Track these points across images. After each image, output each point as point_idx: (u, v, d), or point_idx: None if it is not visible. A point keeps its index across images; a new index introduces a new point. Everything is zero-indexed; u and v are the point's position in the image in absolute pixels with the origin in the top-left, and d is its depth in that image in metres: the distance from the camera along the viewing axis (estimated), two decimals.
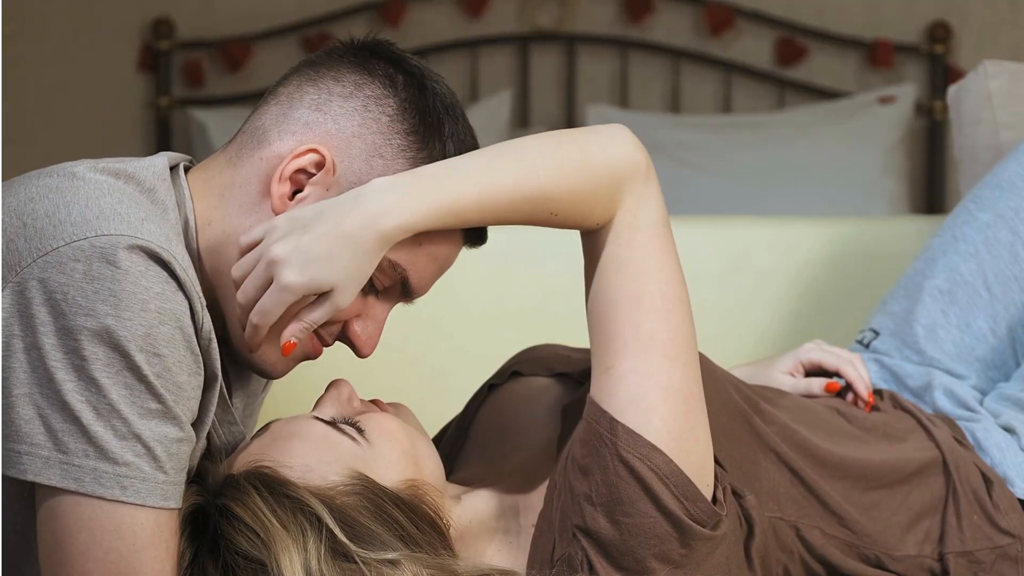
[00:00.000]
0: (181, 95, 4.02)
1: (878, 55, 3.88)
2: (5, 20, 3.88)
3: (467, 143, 1.39)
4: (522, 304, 2.15)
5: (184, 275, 1.27)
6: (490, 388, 1.61)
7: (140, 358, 1.23)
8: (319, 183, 1.35)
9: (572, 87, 3.95)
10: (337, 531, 1.27)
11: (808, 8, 3.93)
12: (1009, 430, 1.63)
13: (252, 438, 1.39)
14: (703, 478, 1.37)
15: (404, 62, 1.39)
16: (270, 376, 1.40)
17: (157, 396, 1.25)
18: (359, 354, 1.40)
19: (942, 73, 3.85)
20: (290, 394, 1.73)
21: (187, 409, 1.28)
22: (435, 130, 1.37)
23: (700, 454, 1.37)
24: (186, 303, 1.27)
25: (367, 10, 3.99)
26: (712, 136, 3.75)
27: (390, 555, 1.27)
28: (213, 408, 1.33)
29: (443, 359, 2.11)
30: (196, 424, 1.31)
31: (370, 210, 1.30)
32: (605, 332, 1.38)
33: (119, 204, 1.28)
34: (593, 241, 1.40)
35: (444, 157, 1.36)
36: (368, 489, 1.31)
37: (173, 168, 1.39)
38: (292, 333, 1.32)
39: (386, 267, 1.35)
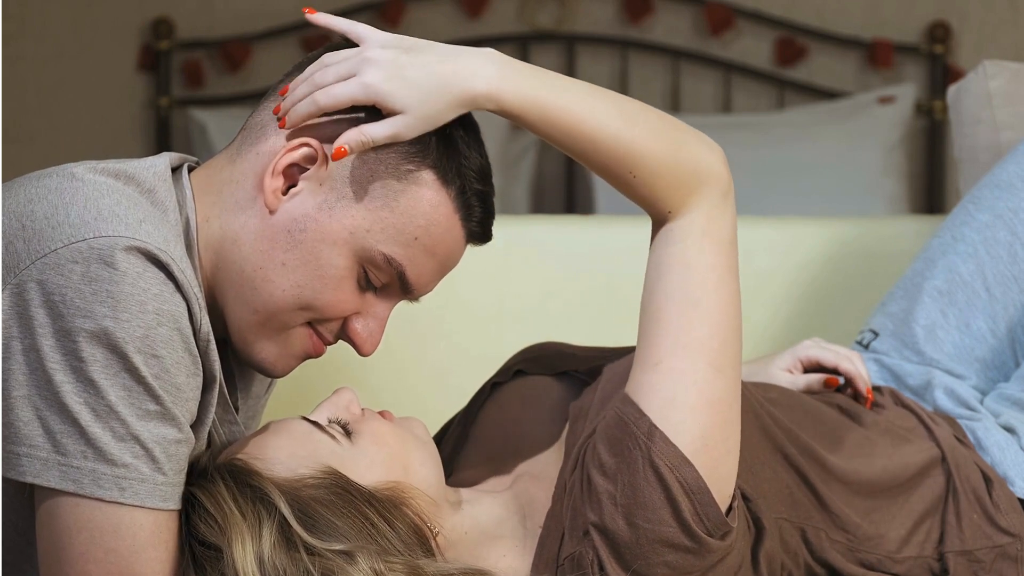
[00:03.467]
0: (181, 95, 4.02)
1: (878, 55, 3.88)
2: (5, 20, 3.88)
3: (469, 135, 1.38)
4: (522, 304, 2.15)
5: (182, 276, 1.26)
6: (493, 386, 1.61)
7: (138, 359, 1.23)
8: (312, 177, 1.34)
9: None
10: (292, 520, 1.27)
11: (808, 8, 3.93)
12: (1009, 430, 1.64)
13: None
14: (724, 490, 1.38)
15: None
16: (271, 374, 1.40)
17: (155, 397, 1.25)
18: (360, 352, 1.39)
19: (942, 73, 3.85)
20: (294, 395, 1.73)
21: (186, 410, 1.28)
22: None
23: (728, 466, 1.38)
24: (184, 304, 1.27)
25: (367, 10, 3.99)
26: (712, 136, 3.73)
27: (340, 546, 1.27)
28: (212, 409, 1.33)
29: (443, 358, 2.10)
30: (196, 425, 1.31)
31: (470, 66, 1.33)
32: (657, 328, 1.39)
33: (117, 205, 1.27)
34: (664, 238, 1.41)
35: (444, 149, 1.36)
36: (336, 484, 1.31)
37: (177, 168, 1.39)
38: (348, 139, 1.31)
39: (380, 261, 1.34)
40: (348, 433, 1.37)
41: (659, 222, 1.43)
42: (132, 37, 4.03)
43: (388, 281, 1.37)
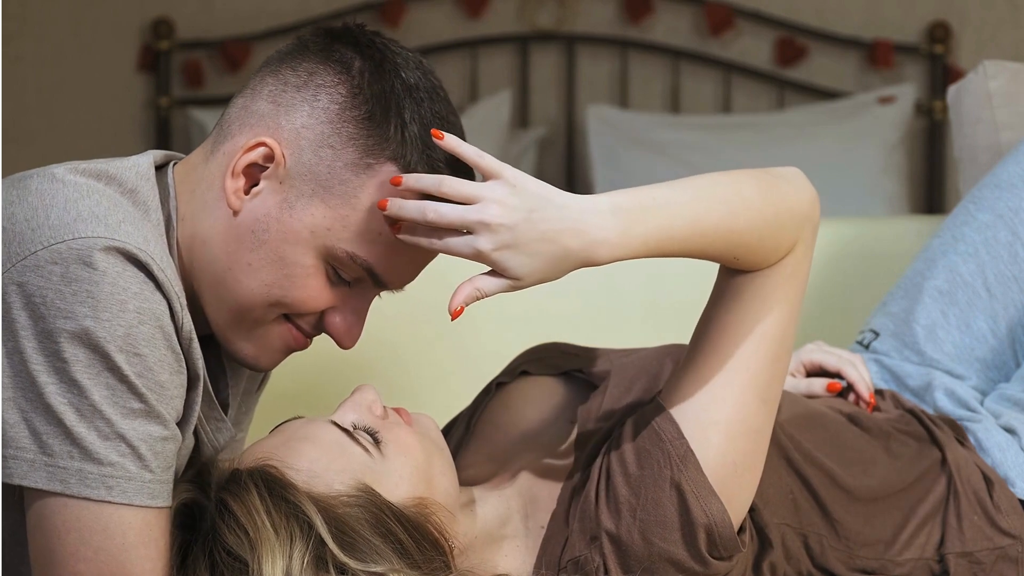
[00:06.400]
0: (181, 95, 4.02)
1: (878, 55, 3.88)
2: (5, 20, 3.88)
3: (436, 125, 1.34)
4: (522, 304, 2.14)
5: (162, 275, 1.26)
6: (497, 386, 1.61)
7: (120, 358, 1.23)
8: (272, 176, 1.33)
9: (572, 87, 3.95)
10: (329, 540, 1.26)
11: (808, 8, 3.93)
12: (1010, 430, 1.63)
13: (269, 435, 1.38)
14: (741, 512, 1.39)
15: (367, 46, 1.35)
16: (256, 369, 1.40)
17: (139, 396, 1.25)
18: (340, 345, 1.38)
19: (942, 73, 3.85)
20: (299, 391, 1.73)
21: (171, 408, 1.28)
22: (392, 114, 1.33)
23: (749, 491, 1.40)
24: (165, 303, 1.27)
25: (367, 10, 3.99)
26: (712, 136, 3.75)
27: (377, 568, 1.26)
28: (197, 407, 1.33)
29: (443, 358, 2.10)
30: (180, 423, 1.31)
31: (591, 237, 1.28)
32: (717, 349, 1.40)
33: (97, 207, 1.27)
34: (747, 276, 1.41)
35: (405, 142, 1.32)
36: (372, 502, 1.30)
37: (163, 166, 1.39)
38: (464, 298, 1.29)
39: (345, 259, 1.33)
40: (377, 442, 1.36)
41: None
42: (132, 37, 4.03)
43: (358, 276, 1.35)
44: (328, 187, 1.32)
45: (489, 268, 1.30)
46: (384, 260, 1.34)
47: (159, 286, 1.26)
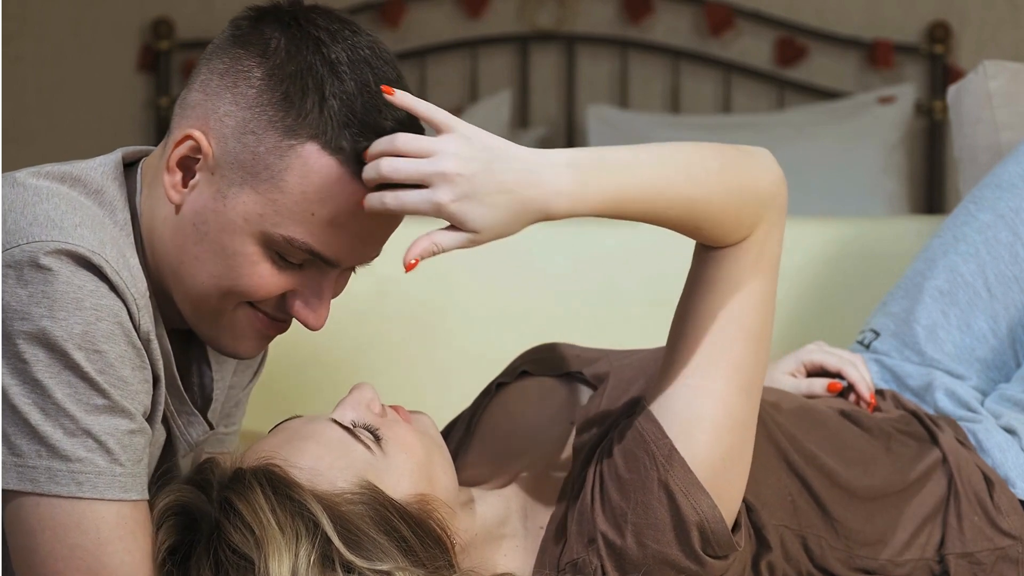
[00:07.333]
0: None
1: (878, 55, 3.88)
2: (5, 20, 3.88)
3: (358, 100, 1.31)
4: (522, 304, 2.15)
5: (117, 278, 1.27)
6: (498, 387, 1.61)
7: (79, 356, 1.24)
8: (204, 168, 1.33)
9: (572, 87, 3.95)
10: (335, 538, 1.26)
11: (808, 8, 3.93)
12: (1010, 431, 1.63)
13: (268, 434, 1.38)
14: (733, 508, 1.39)
15: (289, 24, 1.33)
16: (239, 356, 1.40)
17: (102, 392, 1.25)
18: (307, 327, 1.37)
19: (942, 73, 3.85)
20: (293, 393, 1.73)
21: (137, 402, 1.28)
22: (310, 92, 1.30)
23: (740, 486, 1.40)
24: (121, 303, 1.27)
25: (367, 10, 3.99)
26: (712, 136, 3.75)
27: (383, 566, 1.26)
28: (161, 407, 1.33)
29: (443, 359, 2.10)
30: (147, 419, 1.31)
31: (549, 188, 1.27)
32: (694, 344, 1.39)
33: (55, 210, 1.28)
34: (715, 258, 1.40)
35: (324, 119, 1.30)
36: (375, 499, 1.30)
37: (135, 162, 1.39)
38: (419, 251, 1.26)
39: (283, 243, 1.31)
40: (378, 439, 1.36)
41: (714, 250, 1.41)
42: (132, 37, 4.03)
43: (305, 258, 1.34)
44: (255, 173, 1.31)
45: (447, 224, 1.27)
46: (323, 239, 1.32)
47: (114, 288, 1.26)
